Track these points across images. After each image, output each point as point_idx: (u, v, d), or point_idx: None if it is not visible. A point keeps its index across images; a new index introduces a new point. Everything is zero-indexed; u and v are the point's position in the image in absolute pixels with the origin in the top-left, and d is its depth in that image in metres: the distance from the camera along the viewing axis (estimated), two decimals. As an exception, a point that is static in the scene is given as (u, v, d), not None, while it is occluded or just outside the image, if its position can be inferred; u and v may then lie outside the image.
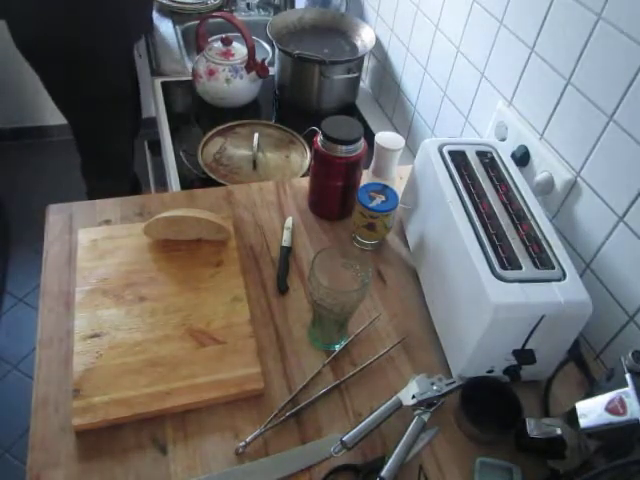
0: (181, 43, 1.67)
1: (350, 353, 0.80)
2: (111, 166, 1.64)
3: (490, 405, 0.72)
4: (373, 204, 0.88)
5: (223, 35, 1.38)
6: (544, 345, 0.72)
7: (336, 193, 0.96)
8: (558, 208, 0.88)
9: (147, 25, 1.60)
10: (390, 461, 0.65)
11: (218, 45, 1.37)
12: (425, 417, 0.69)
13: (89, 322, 0.76)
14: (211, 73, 1.34)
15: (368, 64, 1.57)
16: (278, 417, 0.70)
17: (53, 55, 1.32)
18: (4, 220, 2.20)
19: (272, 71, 1.46)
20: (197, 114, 1.43)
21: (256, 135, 1.26)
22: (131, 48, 1.49)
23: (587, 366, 0.81)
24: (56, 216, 0.93)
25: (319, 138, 0.91)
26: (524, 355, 0.72)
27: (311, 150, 0.97)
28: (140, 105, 1.72)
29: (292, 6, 1.85)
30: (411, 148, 1.36)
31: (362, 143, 0.92)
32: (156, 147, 1.44)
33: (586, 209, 0.83)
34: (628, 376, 0.58)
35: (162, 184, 1.66)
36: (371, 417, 0.68)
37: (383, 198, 0.89)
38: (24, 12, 1.25)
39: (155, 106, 1.44)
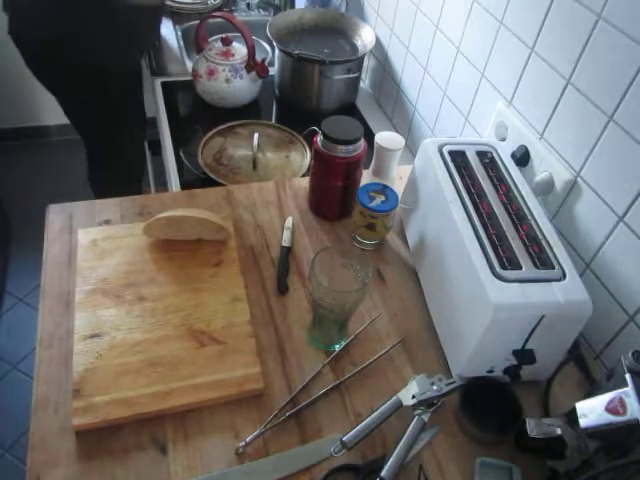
0: (181, 43, 1.67)
1: (350, 353, 0.80)
2: (124, 175, 1.66)
3: (490, 405, 0.72)
4: (373, 204, 0.88)
5: (223, 35, 1.38)
6: (544, 345, 0.72)
7: (336, 193, 0.96)
8: (558, 208, 0.88)
9: (156, 38, 1.61)
10: (390, 461, 0.65)
11: (218, 45, 1.37)
12: (425, 417, 0.69)
13: (89, 322, 0.76)
14: (211, 73, 1.35)
15: (368, 64, 1.57)
16: (278, 417, 0.70)
17: (66, 73, 1.34)
18: (4, 220, 2.19)
19: (272, 71, 1.46)
20: (197, 114, 1.43)
21: (256, 135, 1.26)
22: (140, 60, 1.51)
23: (587, 366, 0.81)
24: (56, 216, 0.93)
25: (319, 138, 0.91)
26: (524, 355, 0.72)
27: (311, 150, 0.97)
28: (144, 111, 1.73)
29: (292, 6, 1.85)
30: (411, 148, 1.36)
31: (362, 143, 0.92)
32: (156, 147, 1.44)
33: (586, 209, 0.83)
34: (628, 376, 0.58)
35: (162, 184, 1.66)
36: (371, 417, 0.68)
37: (383, 198, 0.89)
38: (36, 32, 1.26)
39: (155, 106, 1.44)
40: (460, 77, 1.11)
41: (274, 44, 1.40)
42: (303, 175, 1.18)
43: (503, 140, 0.97)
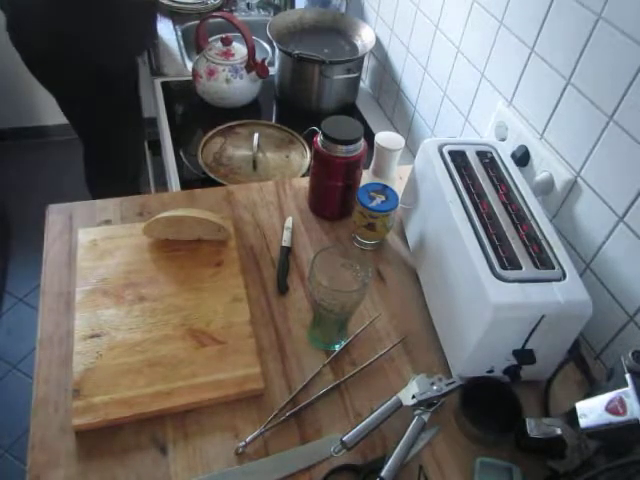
0: (181, 43, 1.67)
1: (350, 353, 0.80)
2: (121, 174, 1.66)
3: (490, 405, 0.72)
4: (373, 204, 0.88)
5: (223, 35, 1.38)
6: (544, 345, 0.72)
7: (336, 193, 0.96)
8: (558, 208, 0.88)
9: (154, 36, 1.61)
10: (390, 461, 0.65)
11: (218, 45, 1.37)
12: (425, 417, 0.69)
13: (89, 322, 0.76)
14: (211, 73, 1.35)
15: (368, 64, 1.57)
16: (278, 417, 0.70)
17: (65, 72, 1.34)
18: (4, 220, 2.20)
19: (272, 71, 1.46)
20: (197, 114, 1.43)
21: (256, 135, 1.26)
22: (138, 59, 1.51)
23: (587, 366, 0.81)
24: (56, 216, 0.93)
25: (319, 138, 0.91)
26: (524, 355, 0.72)
27: (311, 150, 0.97)
28: (142, 111, 1.73)
29: (292, 6, 1.85)
30: (411, 148, 1.36)
31: (362, 143, 0.92)
32: (156, 147, 1.44)
33: (586, 209, 0.83)
34: (628, 376, 0.58)
35: (162, 184, 1.66)
36: (371, 417, 0.68)
37: (383, 198, 0.89)
38: (34, 31, 1.26)
39: (155, 106, 1.44)
40: (460, 77, 1.11)
41: (274, 44, 1.40)
42: (303, 175, 1.18)
43: (503, 140, 0.97)
